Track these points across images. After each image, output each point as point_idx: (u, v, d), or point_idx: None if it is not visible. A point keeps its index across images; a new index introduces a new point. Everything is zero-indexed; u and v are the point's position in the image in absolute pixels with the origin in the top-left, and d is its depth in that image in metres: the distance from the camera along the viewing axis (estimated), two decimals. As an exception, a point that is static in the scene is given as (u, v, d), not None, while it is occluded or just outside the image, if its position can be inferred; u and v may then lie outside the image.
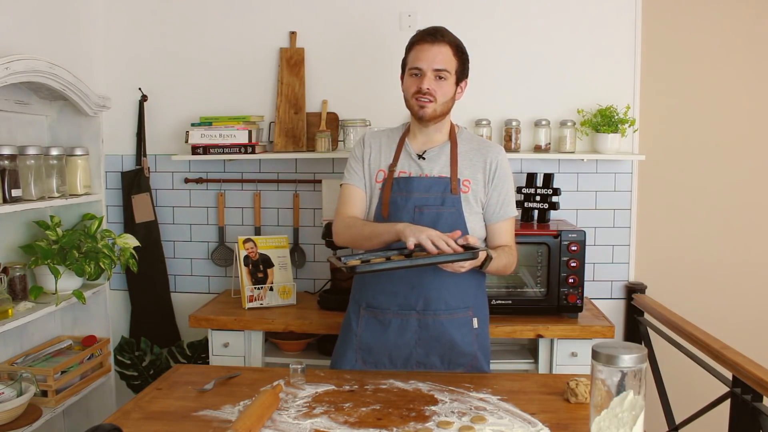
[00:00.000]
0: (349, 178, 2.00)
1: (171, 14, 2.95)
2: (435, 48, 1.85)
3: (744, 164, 2.85)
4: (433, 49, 1.85)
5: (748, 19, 2.79)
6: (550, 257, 2.47)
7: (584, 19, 2.80)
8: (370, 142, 2.01)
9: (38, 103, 2.53)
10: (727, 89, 2.83)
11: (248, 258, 2.66)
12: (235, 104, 2.93)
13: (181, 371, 1.89)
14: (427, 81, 1.85)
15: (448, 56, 1.86)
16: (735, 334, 2.41)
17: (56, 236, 2.41)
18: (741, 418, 2.04)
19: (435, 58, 1.85)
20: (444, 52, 1.86)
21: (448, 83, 1.87)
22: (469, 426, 1.47)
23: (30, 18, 2.47)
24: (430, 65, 1.85)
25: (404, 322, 1.91)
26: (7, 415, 2.07)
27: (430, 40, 1.86)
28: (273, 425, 1.50)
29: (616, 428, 1.27)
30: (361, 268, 1.67)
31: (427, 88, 1.85)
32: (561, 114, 2.81)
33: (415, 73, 1.88)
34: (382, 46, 2.84)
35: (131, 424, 1.52)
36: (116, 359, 2.90)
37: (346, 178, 2.01)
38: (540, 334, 2.41)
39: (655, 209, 2.89)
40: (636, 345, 1.30)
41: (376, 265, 1.70)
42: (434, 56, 1.85)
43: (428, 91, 1.85)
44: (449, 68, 1.86)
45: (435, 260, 1.70)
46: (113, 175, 2.99)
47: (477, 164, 1.93)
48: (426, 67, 1.85)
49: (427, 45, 1.86)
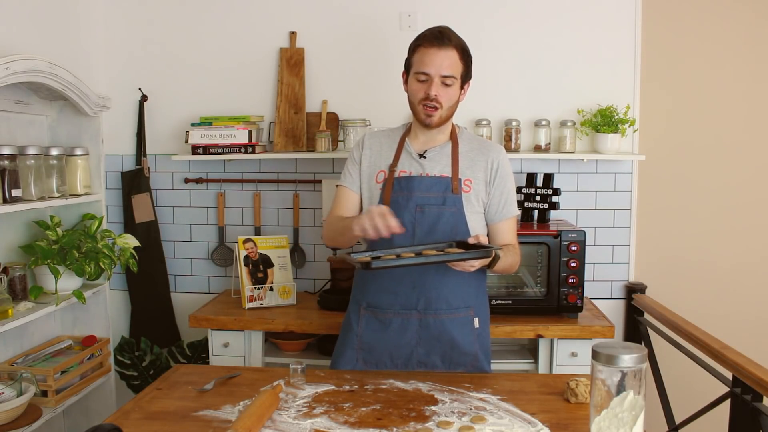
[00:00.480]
0: (343, 180, 2.01)
1: (171, 14, 2.95)
2: (442, 53, 1.83)
3: (744, 164, 2.85)
4: (441, 54, 1.83)
5: (748, 19, 2.79)
6: (550, 257, 2.47)
7: (584, 19, 2.80)
8: (369, 143, 2.01)
9: (38, 103, 2.53)
10: (727, 89, 2.83)
11: (248, 258, 2.66)
12: (235, 104, 2.93)
13: (181, 371, 1.89)
14: (434, 88, 1.84)
15: (455, 61, 1.84)
16: (735, 334, 2.41)
17: (56, 236, 2.41)
18: (741, 418, 2.04)
19: (443, 64, 1.83)
20: (451, 56, 1.84)
21: (453, 88, 1.86)
22: (469, 426, 1.47)
23: (30, 18, 2.47)
24: (438, 71, 1.83)
25: (405, 322, 1.91)
26: (7, 415, 2.07)
27: (438, 44, 1.83)
28: (273, 425, 1.50)
29: (616, 428, 1.27)
30: (376, 264, 1.65)
31: (435, 94, 1.84)
32: (561, 114, 2.81)
33: (422, 79, 1.86)
34: (382, 46, 2.84)
35: (131, 424, 1.52)
36: (116, 359, 2.90)
37: (341, 179, 2.02)
38: (540, 334, 2.41)
39: (655, 209, 2.89)
40: (636, 345, 1.30)
41: (389, 261, 1.69)
42: (441, 62, 1.83)
43: (435, 97, 1.84)
44: (456, 74, 1.85)
45: (447, 258, 1.71)
46: (113, 175, 2.99)
47: (478, 164, 1.93)
48: (434, 72, 1.83)
49: (434, 49, 1.83)
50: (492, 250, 1.73)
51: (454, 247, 1.80)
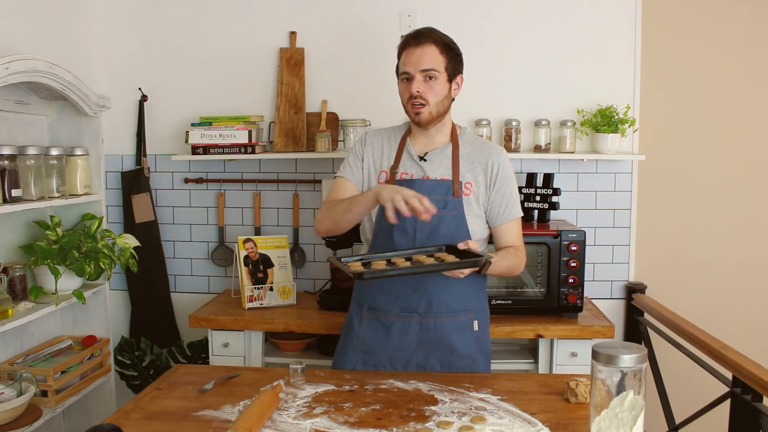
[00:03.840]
0: (342, 171, 1.99)
1: (171, 14, 2.95)
2: (420, 49, 1.84)
3: (744, 164, 2.85)
4: (418, 51, 1.84)
5: (748, 19, 2.79)
6: (550, 257, 2.47)
7: (584, 18, 2.80)
8: (372, 141, 2.00)
9: (38, 103, 2.53)
10: (727, 89, 2.83)
11: (248, 258, 2.66)
12: (235, 104, 2.93)
13: (181, 371, 1.89)
14: (416, 84, 1.84)
15: (434, 55, 1.84)
16: (735, 334, 2.40)
17: (56, 236, 2.41)
18: (741, 418, 2.04)
19: (420, 59, 1.84)
20: (429, 51, 1.84)
21: (438, 82, 1.85)
22: (469, 426, 1.47)
23: (30, 18, 2.47)
24: (417, 67, 1.84)
25: (406, 325, 1.91)
26: (7, 415, 2.07)
27: (414, 42, 1.85)
28: (273, 425, 1.50)
29: (616, 428, 1.27)
30: (369, 274, 1.66)
31: (417, 91, 1.84)
32: (561, 114, 2.81)
33: (406, 78, 1.87)
34: (382, 46, 2.84)
35: (131, 424, 1.52)
36: (116, 359, 2.90)
37: (340, 171, 2.00)
38: (540, 334, 2.41)
39: (655, 209, 2.89)
40: (636, 345, 1.30)
41: (382, 271, 1.69)
42: (419, 58, 1.84)
43: (418, 94, 1.84)
44: (437, 67, 1.85)
45: (437, 268, 1.71)
46: (113, 175, 2.99)
47: (478, 167, 1.92)
48: (413, 70, 1.84)
49: (412, 48, 1.86)
50: (482, 259, 1.72)
51: (444, 251, 1.80)
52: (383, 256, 1.80)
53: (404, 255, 1.79)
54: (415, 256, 1.78)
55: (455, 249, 1.77)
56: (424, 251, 1.81)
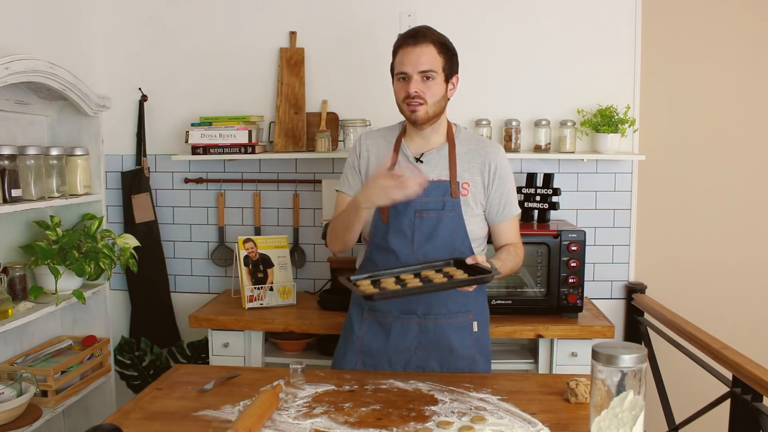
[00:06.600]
0: (342, 186, 2.01)
1: (171, 14, 2.95)
2: (418, 49, 1.83)
3: (744, 164, 2.85)
4: (416, 51, 1.83)
5: (748, 19, 2.79)
6: (550, 257, 2.47)
7: (584, 18, 2.80)
8: (367, 145, 2.00)
9: (38, 103, 2.53)
10: (727, 89, 2.83)
11: (248, 258, 2.66)
12: (235, 104, 2.93)
13: (181, 371, 1.89)
14: (414, 84, 1.83)
15: (433, 56, 1.83)
16: (735, 334, 2.41)
17: (56, 236, 2.41)
18: (741, 418, 2.04)
19: (419, 60, 1.82)
20: (428, 52, 1.83)
21: (436, 83, 1.84)
22: (469, 426, 1.47)
23: (30, 18, 2.47)
24: (415, 68, 1.82)
25: (405, 326, 1.91)
26: (7, 415, 2.07)
27: (412, 42, 1.84)
28: (273, 425, 1.50)
29: (616, 428, 1.27)
30: (379, 296, 1.64)
31: (415, 91, 1.83)
32: (561, 114, 2.81)
33: (402, 78, 1.86)
34: (382, 46, 2.81)
35: (131, 424, 1.52)
36: (116, 359, 2.90)
37: (340, 184, 2.02)
38: (540, 334, 2.41)
39: (655, 209, 2.89)
40: (636, 345, 1.30)
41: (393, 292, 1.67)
42: (418, 58, 1.82)
43: (416, 94, 1.83)
44: (435, 68, 1.84)
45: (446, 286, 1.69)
46: (113, 175, 2.99)
47: (475, 166, 1.92)
48: (411, 70, 1.83)
49: (410, 48, 1.84)
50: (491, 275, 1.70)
51: (452, 265, 1.79)
52: (392, 272, 1.78)
53: (413, 270, 1.78)
54: (424, 272, 1.76)
55: (463, 263, 1.75)
56: (431, 266, 1.79)
